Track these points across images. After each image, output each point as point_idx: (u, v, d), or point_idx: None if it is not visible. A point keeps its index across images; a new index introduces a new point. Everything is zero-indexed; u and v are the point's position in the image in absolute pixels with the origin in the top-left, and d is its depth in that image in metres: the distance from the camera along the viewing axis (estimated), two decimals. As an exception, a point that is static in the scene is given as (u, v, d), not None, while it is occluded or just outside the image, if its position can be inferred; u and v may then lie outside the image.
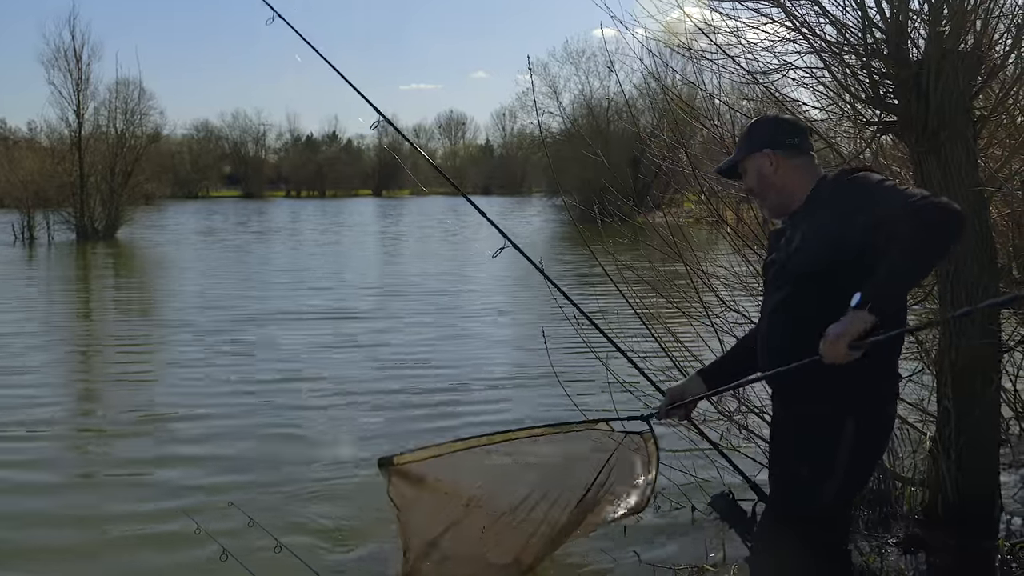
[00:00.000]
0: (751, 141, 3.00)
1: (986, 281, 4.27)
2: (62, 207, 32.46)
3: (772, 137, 2.95)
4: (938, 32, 4.09)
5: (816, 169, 2.98)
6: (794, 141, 2.94)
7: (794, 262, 2.84)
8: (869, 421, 2.77)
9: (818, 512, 2.79)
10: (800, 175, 2.92)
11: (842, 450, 2.73)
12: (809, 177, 2.92)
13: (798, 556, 2.77)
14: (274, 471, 6.14)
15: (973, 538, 4.38)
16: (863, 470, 2.91)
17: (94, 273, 22.31)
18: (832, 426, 2.74)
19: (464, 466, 3.36)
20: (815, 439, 2.79)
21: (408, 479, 3.32)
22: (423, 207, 64.83)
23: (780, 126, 3.03)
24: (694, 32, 4.95)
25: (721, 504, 3.11)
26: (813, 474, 2.77)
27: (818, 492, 2.77)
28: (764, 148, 2.94)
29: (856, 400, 2.72)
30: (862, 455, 2.79)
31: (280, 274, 20.19)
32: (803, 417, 2.83)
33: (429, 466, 3.33)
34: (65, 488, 5.92)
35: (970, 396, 4.32)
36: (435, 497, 3.38)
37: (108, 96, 35.90)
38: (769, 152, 2.93)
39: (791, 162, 2.92)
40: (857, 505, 4.97)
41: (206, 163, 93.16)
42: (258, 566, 3.61)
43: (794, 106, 5.07)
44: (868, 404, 2.75)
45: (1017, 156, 4.64)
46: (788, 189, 2.92)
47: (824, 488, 2.76)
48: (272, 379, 9.07)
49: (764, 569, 2.93)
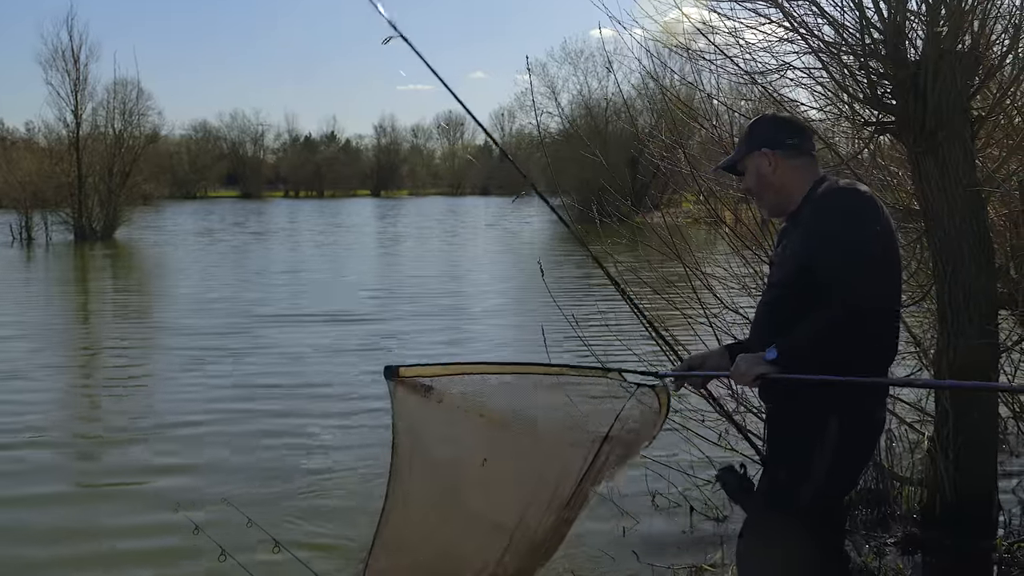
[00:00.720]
0: (751, 140, 2.99)
1: (984, 281, 4.27)
2: (60, 208, 32.41)
3: (772, 136, 2.93)
4: (936, 32, 4.09)
5: (816, 170, 2.95)
6: (794, 141, 2.92)
7: (776, 269, 2.92)
8: (854, 422, 2.75)
9: (795, 514, 2.80)
10: (799, 176, 2.89)
11: (823, 451, 2.73)
12: (808, 178, 2.89)
13: (786, 551, 2.77)
14: (272, 472, 6.14)
15: (971, 538, 4.38)
16: (847, 473, 2.87)
17: (92, 274, 22.29)
18: (814, 425, 2.74)
19: (472, 392, 3.07)
20: (794, 441, 2.81)
21: (414, 390, 3.04)
22: (421, 207, 64.82)
23: (780, 125, 3.01)
24: (692, 32, 4.96)
25: (728, 479, 3.00)
26: (790, 478, 2.79)
27: (793, 496, 2.78)
28: (763, 147, 2.92)
29: (840, 399, 2.71)
30: (846, 456, 2.77)
31: (278, 276, 20.17)
32: (787, 415, 2.85)
33: (437, 382, 3.05)
34: (62, 489, 5.91)
35: (968, 396, 4.33)
36: (441, 413, 3.08)
37: (106, 96, 35.95)
38: (768, 152, 2.91)
39: (790, 163, 2.90)
40: (855, 505, 4.98)
41: (204, 163, 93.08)
42: (256, 566, 3.61)
43: (792, 106, 5.08)
44: (853, 404, 2.74)
45: (1014, 156, 4.65)
46: (786, 190, 2.90)
47: (800, 492, 2.77)
48: (269, 382, 9.06)
49: (751, 564, 2.92)
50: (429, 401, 3.02)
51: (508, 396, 3.09)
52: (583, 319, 6.44)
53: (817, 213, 2.77)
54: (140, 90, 37.46)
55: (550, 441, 3.14)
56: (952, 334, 4.33)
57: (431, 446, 3.09)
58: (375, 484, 5.87)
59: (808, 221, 2.79)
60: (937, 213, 4.28)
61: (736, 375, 2.79)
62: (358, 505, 5.59)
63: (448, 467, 3.14)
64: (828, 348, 2.64)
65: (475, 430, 3.08)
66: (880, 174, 5.27)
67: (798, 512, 2.79)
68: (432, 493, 3.12)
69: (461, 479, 3.15)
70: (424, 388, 3.00)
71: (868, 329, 2.64)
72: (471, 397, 3.03)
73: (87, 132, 34.58)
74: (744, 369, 2.74)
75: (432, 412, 3.03)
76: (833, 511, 2.96)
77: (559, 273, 17.66)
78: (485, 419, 3.06)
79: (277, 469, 6.20)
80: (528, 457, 3.16)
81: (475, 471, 3.10)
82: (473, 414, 3.04)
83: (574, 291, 13.29)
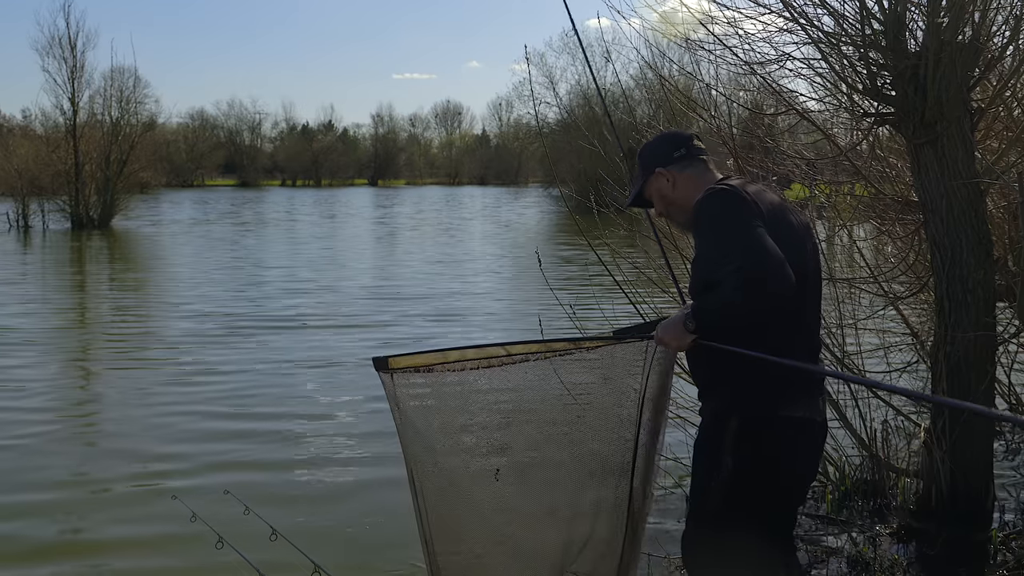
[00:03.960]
0: (645, 166, 3.00)
1: (982, 273, 4.27)
2: (57, 196, 32.36)
3: (661, 155, 2.96)
4: (936, 23, 4.08)
5: (709, 175, 2.92)
6: (681, 152, 2.93)
7: None
8: (757, 423, 2.68)
9: (704, 514, 2.79)
10: (695, 184, 2.87)
11: (724, 451, 2.71)
12: (703, 184, 2.84)
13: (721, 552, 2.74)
14: (270, 461, 6.15)
15: (966, 529, 4.39)
16: (759, 479, 2.71)
17: (89, 263, 22.24)
18: (720, 424, 2.74)
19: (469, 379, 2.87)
20: (707, 437, 2.82)
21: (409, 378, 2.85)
22: (420, 195, 64.76)
23: (664, 142, 3.02)
24: (691, 22, 4.94)
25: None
26: (707, 473, 2.78)
27: (702, 494, 2.79)
28: (656, 168, 2.94)
29: (739, 399, 2.70)
30: (752, 460, 2.69)
31: (275, 260, 20.17)
32: (707, 413, 2.85)
33: (431, 372, 2.85)
34: (57, 476, 5.92)
35: (965, 388, 4.33)
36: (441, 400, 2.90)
37: (103, 84, 35.88)
38: (662, 170, 2.93)
39: (684, 173, 2.91)
40: (851, 496, 5.00)
41: (201, 152, 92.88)
42: (253, 553, 3.62)
43: (791, 97, 5.07)
44: (752, 403, 2.69)
45: (1014, 148, 4.65)
46: (689, 201, 2.84)
47: (710, 489, 2.75)
48: (268, 370, 9.07)
49: (695, 566, 2.91)
50: (425, 390, 2.87)
51: (507, 376, 2.90)
52: (580, 308, 6.44)
53: (694, 218, 2.79)
54: (137, 78, 37.45)
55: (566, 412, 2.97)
56: (950, 326, 4.33)
57: (436, 437, 2.91)
58: (374, 474, 5.89)
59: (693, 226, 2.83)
60: (936, 205, 4.28)
61: (664, 340, 2.72)
62: (356, 494, 5.61)
63: (462, 454, 2.95)
64: (733, 313, 2.58)
65: (480, 411, 2.92)
66: (879, 165, 5.27)
67: (705, 513, 2.78)
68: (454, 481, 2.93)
69: (477, 468, 2.95)
70: (419, 372, 2.83)
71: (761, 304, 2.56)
72: (468, 384, 2.87)
73: (84, 120, 34.48)
74: (663, 332, 2.70)
75: (432, 399, 2.89)
76: (771, 520, 2.82)
77: (556, 262, 17.65)
78: (488, 400, 2.91)
79: (275, 459, 6.21)
80: (551, 427, 3.00)
81: (493, 458, 2.93)
82: (474, 395, 2.89)
83: (572, 281, 13.29)
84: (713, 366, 2.76)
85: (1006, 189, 4.48)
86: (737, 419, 2.70)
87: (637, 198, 3.06)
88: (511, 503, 2.94)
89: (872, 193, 5.24)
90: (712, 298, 2.59)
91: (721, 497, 2.72)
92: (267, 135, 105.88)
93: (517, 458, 2.95)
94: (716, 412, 2.78)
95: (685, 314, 2.65)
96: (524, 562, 3.01)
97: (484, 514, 2.93)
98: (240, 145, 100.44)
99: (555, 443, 2.98)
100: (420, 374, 2.83)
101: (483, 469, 2.92)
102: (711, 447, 2.77)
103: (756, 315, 2.57)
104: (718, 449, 2.73)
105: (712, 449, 2.76)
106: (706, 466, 2.79)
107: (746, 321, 2.59)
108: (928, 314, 5.23)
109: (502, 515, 2.95)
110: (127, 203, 34.76)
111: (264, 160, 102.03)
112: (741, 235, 2.59)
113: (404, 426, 2.88)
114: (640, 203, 3.09)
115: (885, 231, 5.59)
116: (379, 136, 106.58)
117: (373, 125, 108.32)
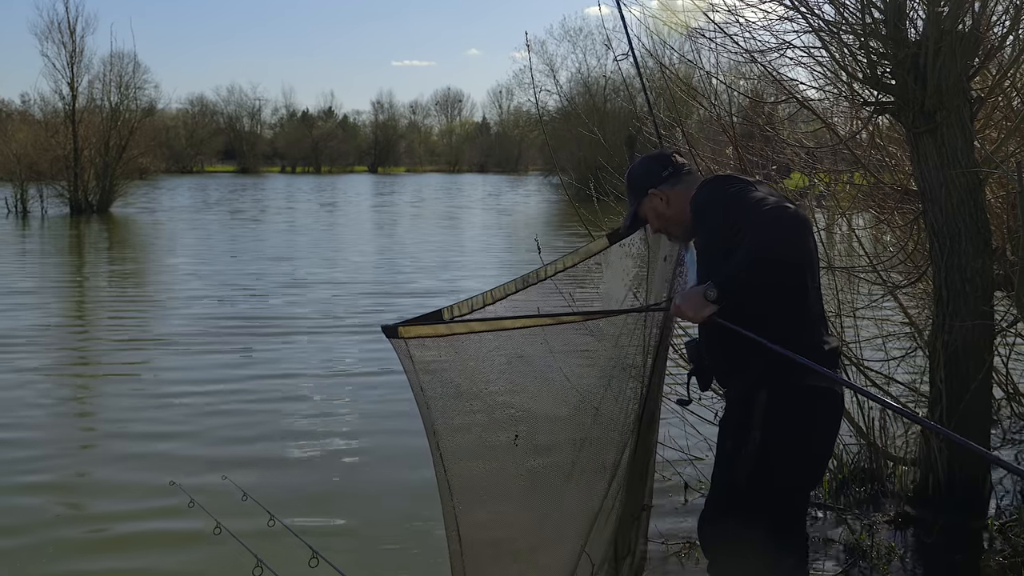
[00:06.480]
0: (635, 190, 3.12)
1: (980, 263, 4.28)
2: (56, 181, 32.25)
3: (651, 177, 3.08)
4: (936, 12, 4.08)
5: (695, 182, 3.06)
6: (668, 171, 3.07)
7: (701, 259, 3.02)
8: (787, 392, 2.76)
9: (726, 493, 2.86)
10: (687, 196, 3.01)
11: (753, 426, 2.78)
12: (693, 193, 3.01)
13: (743, 541, 2.78)
14: (269, 449, 6.16)
15: (963, 517, 4.41)
16: (786, 452, 2.79)
17: (88, 249, 22.22)
18: (749, 400, 2.80)
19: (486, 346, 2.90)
20: (734, 415, 2.90)
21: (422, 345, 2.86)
22: (420, 183, 64.67)
23: (650, 163, 3.14)
24: (691, 10, 4.93)
25: (691, 345, 3.10)
26: (734, 448, 2.84)
27: (732, 466, 2.83)
28: (650, 190, 3.06)
29: (772, 368, 2.73)
30: (781, 431, 2.76)
31: (275, 249, 20.15)
32: (734, 393, 2.94)
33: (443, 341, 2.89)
34: (55, 462, 5.93)
35: (963, 377, 4.34)
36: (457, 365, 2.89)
37: (102, 69, 35.71)
38: (655, 191, 3.06)
39: (675, 190, 3.04)
40: (849, 483, 5.02)
41: (201, 138, 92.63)
42: (251, 540, 3.63)
43: (791, 85, 5.06)
44: (784, 373, 2.73)
45: (1013, 138, 4.64)
46: (685, 214, 3.01)
47: (737, 464, 2.81)
48: (268, 358, 9.08)
49: (713, 547, 2.96)
50: (440, 356, 2.87)
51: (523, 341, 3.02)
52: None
53: (694, 215, 2.96)
54: (137, 63, 37.25)
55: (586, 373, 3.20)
56: (948, 315, 4.33)
57: (453, 404, 2.89)
58: (373, 463, 5.91)
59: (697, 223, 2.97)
60: (935, 194, 4.28)
61: (681, 309, 2.76)
62: (355, 480, 5.62)
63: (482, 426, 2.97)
64: (762, 271, 2.65)
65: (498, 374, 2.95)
66: (878, 154, 5.26)
67: (731, 488, 2.84)
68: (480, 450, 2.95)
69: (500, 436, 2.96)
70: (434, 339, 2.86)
71: (777, 277, 2.69)
72: (486, 350, 2.92)
73: (83, 105, 34.36)
74: (680, 301, 2.76)
75: (447, 364, 2.88)
76: (793, 500, 2.92)
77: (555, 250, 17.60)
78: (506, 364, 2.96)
79: (275, 445, 6.22)
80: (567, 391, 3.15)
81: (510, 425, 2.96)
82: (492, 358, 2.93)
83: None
84: (743, 342, 2.72)
85: (1005, 179, 4.48)
86: (767, 392, 2.77)
87: (633, 223, 3.19)
88: (530, 465, 3.01)
89: (871, 182, 5.24)
90: (733, 261, 2.67)
91: (746, 473, 2.78)
92: (267, 121, 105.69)
93: (534, 425, 3.03)
94: (745, 389, 2.83)
95: (706, 283, 2.71)
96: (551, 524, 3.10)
97: (508, 475, 2.99)
98: (240, 131, 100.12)
99: (566, 404, 3.14)
100: (432, 340, 2.87)
101: (502, 430, 2.96)
102: (739, 424, 2.83)
103: (781, 266, 2.67)
104: (746, 426, 2.80)
105: (739, 426, 2.83)
106: (734, 442, 2.85)
107: (773, 273, 2.66)
108: (927, 303, 5.24)
109: (521, 479, 3.01)
110: (126, 189, 34.71)
111: (264, 147, 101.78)
112: (742, 199, 2.76)
113: (423, 390, 2.87)
114: (636, 226, 3.23)
115: (884, 220, 5.59)
116: (379, 123, 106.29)
117: (373, 112, 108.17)
